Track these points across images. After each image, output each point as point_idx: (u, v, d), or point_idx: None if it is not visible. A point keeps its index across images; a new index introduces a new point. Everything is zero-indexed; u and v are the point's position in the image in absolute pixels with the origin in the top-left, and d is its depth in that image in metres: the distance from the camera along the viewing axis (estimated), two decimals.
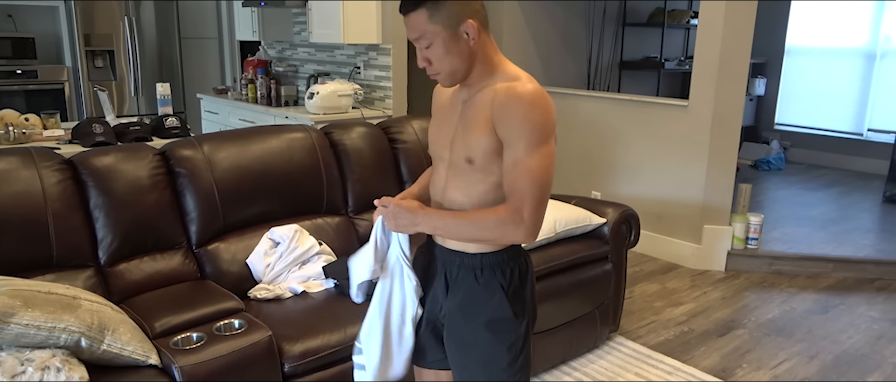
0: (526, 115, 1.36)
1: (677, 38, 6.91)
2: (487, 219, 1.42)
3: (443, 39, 1.39)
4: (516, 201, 1.38)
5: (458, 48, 1.40)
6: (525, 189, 1.38)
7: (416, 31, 1.40)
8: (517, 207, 1.38)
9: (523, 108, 1.36)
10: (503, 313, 1.49)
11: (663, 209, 4.23)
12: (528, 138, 1.37)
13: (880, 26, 6.21)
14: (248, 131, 2.67)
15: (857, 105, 6.44)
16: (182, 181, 2.40)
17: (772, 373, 2.85)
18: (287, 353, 1.99)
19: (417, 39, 1.41)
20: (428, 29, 1.38)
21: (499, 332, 1.50)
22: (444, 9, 1.37)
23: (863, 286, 3.84)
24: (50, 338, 1.65)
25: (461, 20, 1.39)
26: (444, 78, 1.45)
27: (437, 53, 1.41)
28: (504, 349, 1.51)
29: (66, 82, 5.53)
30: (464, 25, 1.39)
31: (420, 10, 1.37)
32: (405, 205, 1.48)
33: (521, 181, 1.38)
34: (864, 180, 6.08)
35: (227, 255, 2.42)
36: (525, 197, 1.38)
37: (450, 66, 1.42)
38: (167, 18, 5.93)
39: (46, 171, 2.14)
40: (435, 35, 1.39)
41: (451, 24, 1.38)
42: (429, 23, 1.38)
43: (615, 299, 3.02)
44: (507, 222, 1.39)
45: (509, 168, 1.40)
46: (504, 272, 1.51)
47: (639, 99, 4.34)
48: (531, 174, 1.37)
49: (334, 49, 5.12)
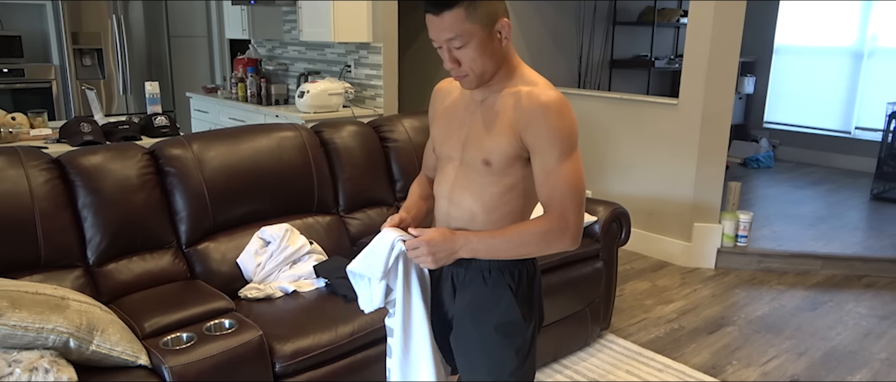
0: (556, 123, 1.34)
1: (667, 36, 6.94)
2: (532, 231, 1.38)
3: (479, 39, 1.33)
4: (559, 208, 1.37)
5: (491, 48, 1.36)
6: (567, 196, 1.36)
7: (451, 32, 1.32)
8: (561, 213, 1.36)
9: (552, 116, 1.34)
10: (512, 316, 1.47)
11: (654, 207, 4.24)
12: (561, 146, 1.35)
13: (868, 25, 6.26)
14: (238, 130, 2.66)
15: (845, 103, 6.49)
16: (171, 181, 2.38)
17: (761, 370, 2.87)
18: (278, 353, 1.98)
19: (450, 40, 1.34)
20: (465, 29, 1.32)
21: (507, 335, 1.48)
22: (482, 7, 1.31)
23: (851, 283, 3.88)
24: (38, 339, 1.64)
25: (497, 18, 1.34)
26: (472, 80, 1.39)
27: (470, 54, 1.34)
28: (512, 352, 1.49)
29: (54, 81, 5.48)
30: (499, 24, 1.34)
31: (457, 8, 1.30)
32: (439, 237, 1.41)
33: (561, 189, 1.36)
34: (851, 177, 6.13)
35: (217, 254, 2.40)
36: (567, 203, 1.36)
37: (482, 67, 1.37)
38: (156, 16, 5.89)
39: (33, 170, 2.12)
40: (471, 35, 1.32)
41: (488, 23, 1.33)
42: (466, 22, 1.31)
43: (606, 297, 3.03)
44: (553, 231, 1.37)
45: (544, 177, 1.38)
46: (512, 273, 1.49)
47: (629, 98, 4.35)
48: (568, 181, 1.36)
49: (325, 47, 5.10)
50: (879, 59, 6.22)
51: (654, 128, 4.18)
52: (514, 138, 1.38)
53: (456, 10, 1.30)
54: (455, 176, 1.50)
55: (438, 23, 1.33)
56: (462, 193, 1.48)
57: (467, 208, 1.48)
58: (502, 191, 1.44)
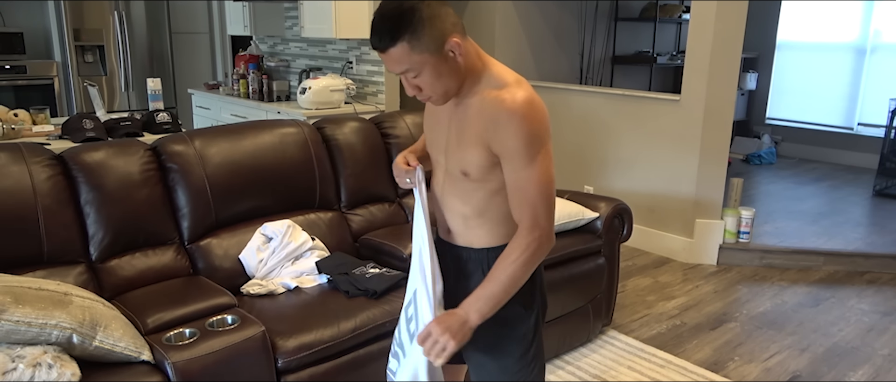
0: (518, 129, 1.32)
1: (669, 32, 6.92)
2: (518, 260, 1.38)
3: (432, 65, 1.31)
4: (530, 216, 1.37)
5: (447, 68, 1.33)
6: (535, 200, 1.36)
7: (400, 65, 1.31)
8: (533, 223, 1.37)
9: (515, 122, 1.32)
10: (512, 308, 1.47)
11: (655, 204, 4.24)
12: (526, 152, 1.34)
13: (870, 21, 6.24)
14: (239, 127, 2.66)
15: (847, 99, 6.47)
16: (174, 177, 2.38)
17: (763, 366, 2.87)
18: (280, 348, 1.98)
19: (404, 71, 1.33)
20: (413, 60, 1.30)
21: (508, 326, 1.50)
22: (425, 36, 1.28)
23: (853, 279, 3.87)
24: (41, 335, 1.64)
25: (444, 40, 1.30)
26: (437, 100, 1.39)
27: (427, 80, 1.33)
28: (515, 342, 1.51)
29: (56, 78, 5.49)
30: (448, 44, 1.31)
31: (400, 43, 1.28)
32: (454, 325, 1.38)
33: (529, 193, 1.36)
34: (854, 173, 6.12)
35: (219, 250, 2.41)
36: (537, 207, 1.37)
37: (443, 88, 1.36)
38: (157, 13, 5.88)
39: (36, 166, 2.12)
40: (422, 63, 1.30)
41: (437, 48, 1.30)
42: (412, 53, 1.29)
43: (608, 293, 3.03)
44: (532, 245, 1.37)
45: (513, 184, 1.38)
46: None
47: (631, 94, 4.34)
48: (536, 185, 1.36)
49: (326, 44, 5.10)
50: (882, 54, 6.20)
51: (656, 124, 4.17)
52: (485, 149, 1.38)
53: (400, 45, 1.28)
54: (444, 181, 1.53)
55: (387, 58, 1.32)
56: (451, 198, 1.51)
57: (458, 212, 1.50)
58: (488, 195, 1.45)
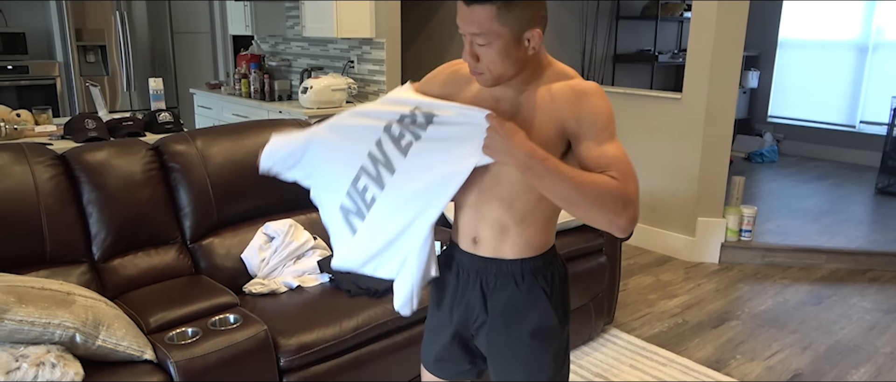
0: (601, 104, 1.28)
1: (671, 31, 6.92)
2: (608, 188, 1.24)
3: (503, 43, 1.25)
4: (621, 176, 1.25)
5: (515, 55, 1.27)
6: (627, 169, 1.26)
7: (477, 27, 1.24)
8: (624, 186, 1.25)
9: (596, 99, 1.28)
10: (548, 321, 1.41)
11: (657, 202, 4.24)
12: (608, 128, 1.28)
13: (872, 19, 6.23)
14: (241, 126, 2.66)
15: (849, 97, 6.46)
16: (176, 176, 2.39)
17: (765, 364, 2.87)
18: (283, 347, 1.99)
19: (475, 35, 1.25)
20: (491, 29, 1.23)
21: (544, 340, 1.42)
22: (515, 10, 1.23)
23: (855, 277, 3.87)
24: (44, 334, 1.65)
25: (527, 27, 1.25)
26: (487, 79, 1.31)
27: (491, 56, 1.26)
28: (549, 358, 1.43)
29: (58, 78, 5.50)
30: (528, 33, 1.26)
31: (489, 4, 1.22)
32: (514, 128, 1.28)
33: (618, 161, 1.26)
34: (856, 171, 6.12)
35: (221, 250, 2.41)
36: (628, 176, 1.26)
37: (500, 70, 1.28)
38: (159, 13, 5.89)
39: (39, 166, 2.12)
40: (497, 36, 1.24)
41: (517, 29, 1.25)
42: (494, 22, 1.23)
43: (609, 291, 3.03)
44: (621, 199, 1.24)
45: (598, 153, 1.27)
46: (546, 276, 1.41)
47: (633, 92, 4.34)
48: (624, 158, 1.27)
49: (328, 43, 5.10)
50: (884, 52, 6.19)
51: (658, 122, 4.17)
52: (557, 131, 1.30)
53: (488, 7, 1.22)
54: (481, 184, 1.38)
55: (468, 14, 1.25)
56: (490, 203, 1.38)
57: (495, 219, 1.39)
58: (536, 199, 1.35)
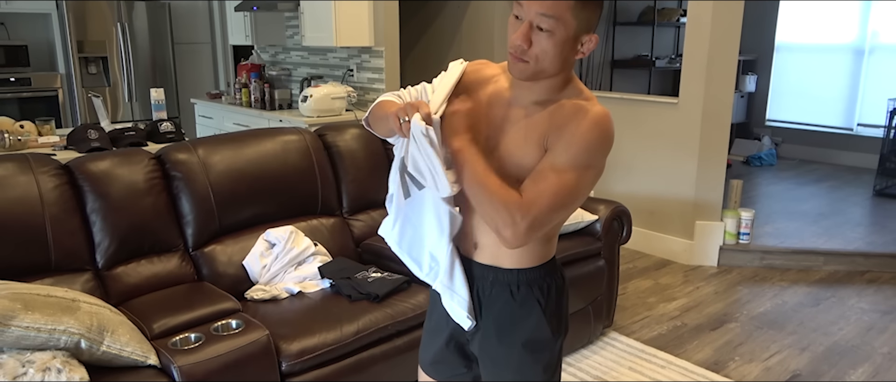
0: (584, 131, 1.24)
1: (667, 36, 6.96)
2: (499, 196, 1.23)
3: (563, 37, 1.22)
4: (528, 200, 1.23)
5: (566, 53, 1.24)
6: (545, 201, 1.23)
7: (551, 10, 1.19)
8: (526, 210, 1.23)
9: (584, 124, 1.24)
10: (541, 332, 1.40)
11: (655, 206, 4.26)
12: (575, 154, 1.24)
13: (868, 22, 6.27)
14: (242, 135, 2.70)
15: (846, 100, 6.49)
16: (178, 185, 2.42)
17: (763, 365, 2.89)
18: (284, 352, 2.02)
19: (542, 16, 1.20)
20: (563, 16, 1.19)
21: (535, 352, 1.40)
22: (588, 10, 1.21)
23: (853, 279, 3.89)
24: (50, 340, 1.68)
25: (588, 30, 1.24)
26: (525, 68, 1.26)
27: (545, 46, 1.22)
28: (540, 368, 1.42)
29: (60, 89, 5.54)
30: (587, 36, 1.25)
31: None
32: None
33: (546, 187, 1.23)
34: (854, 174, 6.14)
35: (223, 257, 2.44)
36: (540, 206, 1.23)
37: (545, 64, 1.25)
38: (160, 24, 5.94)
39: (43, 176, 2.16)
40: (561, 28, 1.20)
41: (582, 28, 1.23)
42: (568, 11, 1.19)
43: (608, 295, 3.05)
44: (513, 212, 1.22)
45: (538, 171, 1.26)
46: (541, 288, 1.40)
47: (630, 97, 4.38)
48: (558, 190, 1.23)
49: (327, 52, 5.14)
50: (881, 55, 6.23)
51: (655, 127, 4.20)
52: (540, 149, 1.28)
53: None
54: None
55: None
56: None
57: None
58: None
